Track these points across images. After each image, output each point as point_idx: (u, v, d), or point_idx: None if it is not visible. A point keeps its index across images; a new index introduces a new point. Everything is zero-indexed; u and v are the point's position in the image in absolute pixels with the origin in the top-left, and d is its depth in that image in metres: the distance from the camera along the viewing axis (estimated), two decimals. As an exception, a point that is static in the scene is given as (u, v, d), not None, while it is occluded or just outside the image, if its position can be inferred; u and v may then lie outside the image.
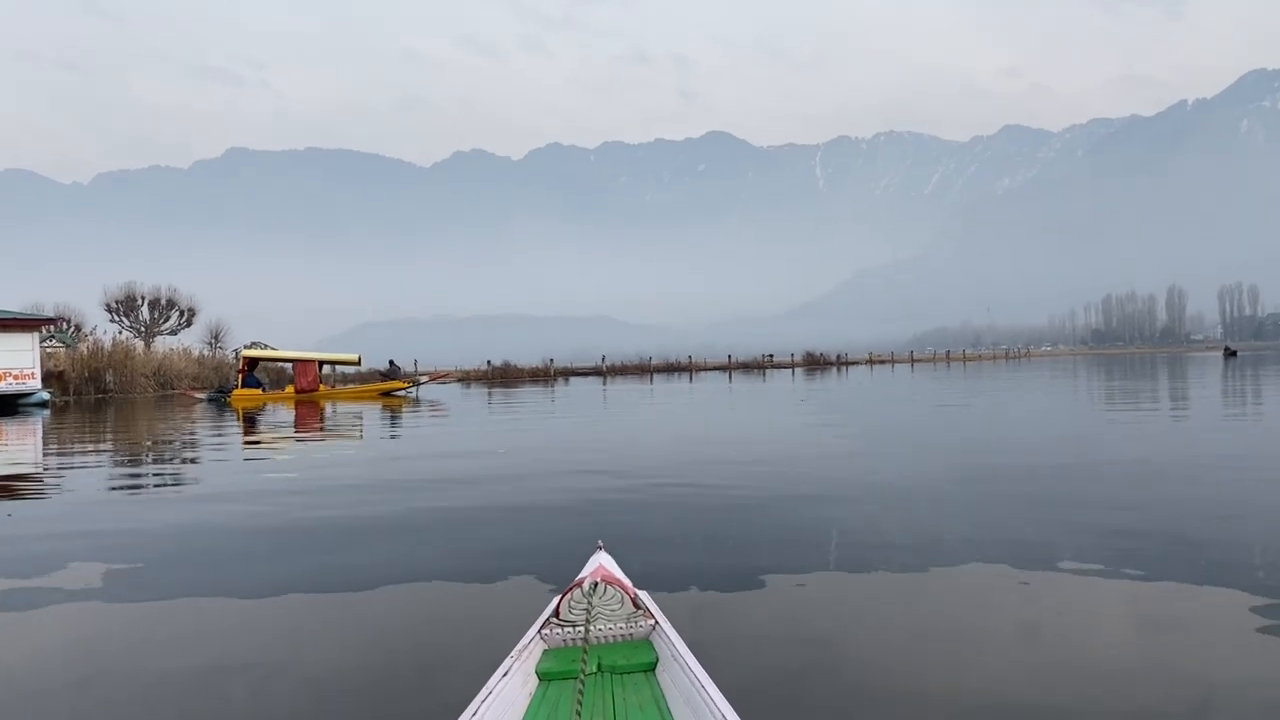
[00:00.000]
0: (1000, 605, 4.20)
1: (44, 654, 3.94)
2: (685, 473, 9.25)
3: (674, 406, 24.28)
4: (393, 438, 16.48)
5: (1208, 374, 35.29)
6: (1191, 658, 3.50)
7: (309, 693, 3.29)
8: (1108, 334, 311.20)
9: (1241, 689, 3.17)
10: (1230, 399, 20.01)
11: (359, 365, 40.52)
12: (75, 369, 39.68)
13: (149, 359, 45.75)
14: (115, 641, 4.07)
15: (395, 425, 19.42)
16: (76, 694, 3.38)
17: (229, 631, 4.11)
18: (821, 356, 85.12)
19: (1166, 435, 12.60)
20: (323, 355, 38.34)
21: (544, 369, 67.40)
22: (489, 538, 6.03)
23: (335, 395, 35.97)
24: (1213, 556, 5.01)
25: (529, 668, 2.71)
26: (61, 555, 5.88)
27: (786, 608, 4.24)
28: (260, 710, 3.16)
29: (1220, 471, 8.42)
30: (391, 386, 37.48)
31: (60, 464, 12.69)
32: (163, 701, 3.26)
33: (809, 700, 3.08)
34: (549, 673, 2.68)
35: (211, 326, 68.72)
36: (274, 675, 3.47)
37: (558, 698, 2.54)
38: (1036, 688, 3.18)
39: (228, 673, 3.52)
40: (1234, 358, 68.59)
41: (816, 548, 5.52)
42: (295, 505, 7.74)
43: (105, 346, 43.76)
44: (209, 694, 3.31)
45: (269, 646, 3.86)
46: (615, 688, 2.59)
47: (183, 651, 3.83)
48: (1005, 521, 6.12)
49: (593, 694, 2.53)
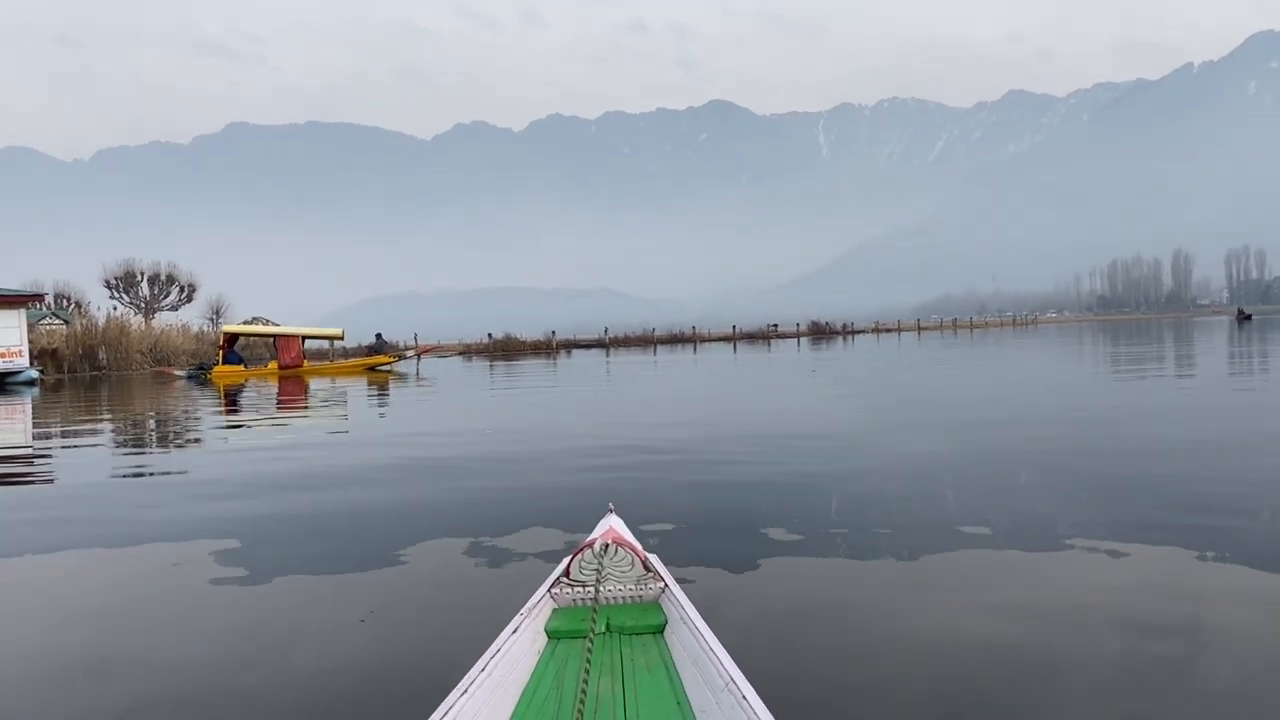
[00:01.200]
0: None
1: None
2: (705, 456, 8.55)
3: (679, 379, 23.57)
4: (379, 416, 15.79)
5: (1225, 339, 34.48)
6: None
7: (311, 658, 3.31)
8: (1113, 300, 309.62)
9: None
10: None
11: (342, 339, 40.04)
12: (70, 346, 38.96)
13: (145, 335, 44.97)
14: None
15: (378, 402, 18.70)
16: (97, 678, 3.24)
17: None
18: (827, 325, 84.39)
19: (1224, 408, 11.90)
20: (306, 330, 37.80)
21: (546, 342, 66.67)
22: (449, 548, 5.01)
23: (320, 370, 35.09)
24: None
25: (538, 625, 2.72)
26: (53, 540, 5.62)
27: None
28: (264, 677, 3.13)
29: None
30: (377, 361, 36.80)
31: (45, 446, 12.07)
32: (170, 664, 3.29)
33: (824, 676, 2.99)
34: (558, 631, 2.70)
35: (212, 302, 68.34)
36: (281, 646, 3.48)
37: (566, 656, 2.56)
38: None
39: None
40: (1248, 321, 66.25)
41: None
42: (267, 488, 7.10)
43: (99, 323, 43.01)
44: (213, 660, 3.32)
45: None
46: (624, 648, 2.61)
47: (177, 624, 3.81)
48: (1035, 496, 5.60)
49: (601, 653, 2.55)
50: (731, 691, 2.17)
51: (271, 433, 12.83)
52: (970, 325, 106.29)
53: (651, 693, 2.34)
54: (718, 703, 2.20)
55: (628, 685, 2.39)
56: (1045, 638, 3.20)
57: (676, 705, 2.27)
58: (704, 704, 2.24)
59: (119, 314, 48.96)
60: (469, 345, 68.15)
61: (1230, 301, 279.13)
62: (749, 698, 2.09)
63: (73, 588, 4.54)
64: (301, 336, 36.11)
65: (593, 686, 2.29)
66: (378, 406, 17.59)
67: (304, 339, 36.35)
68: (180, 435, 12.92)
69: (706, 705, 2.23)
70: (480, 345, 65.66)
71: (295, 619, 3.80)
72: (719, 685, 2.24)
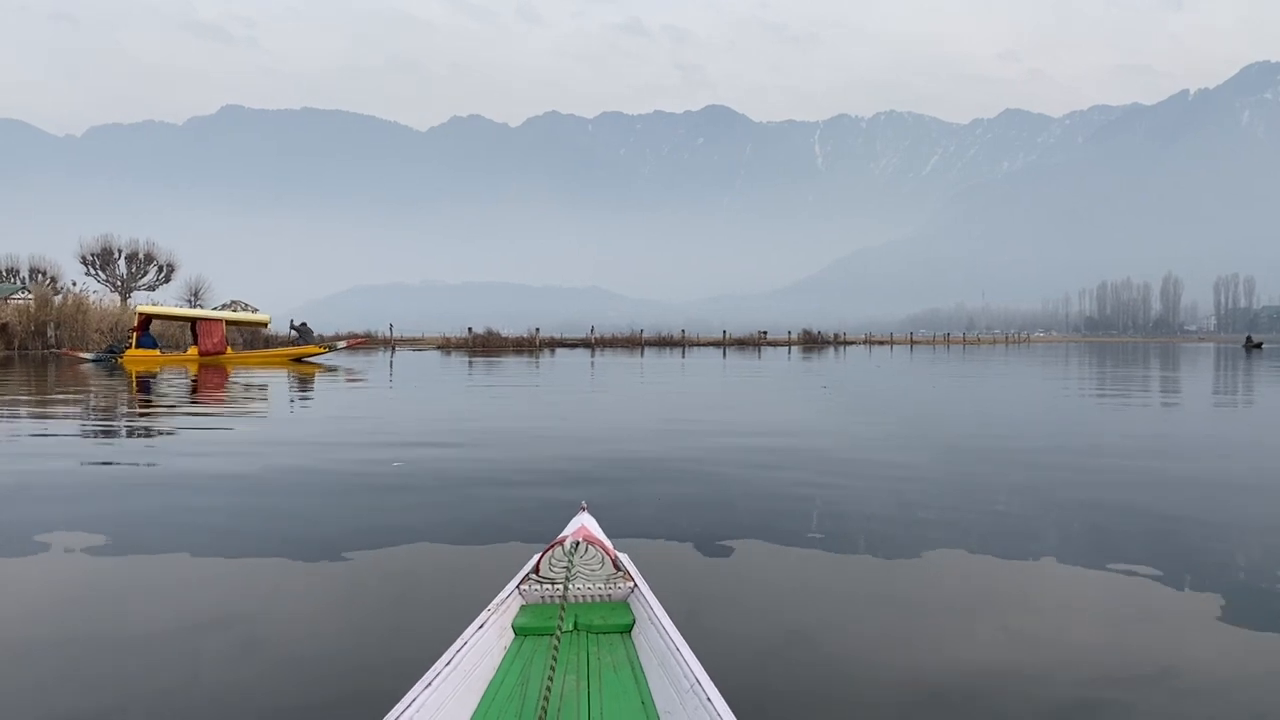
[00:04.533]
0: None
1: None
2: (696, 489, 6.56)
3: (672, 389, 21.49)
4: (300, 409, 13.73)
5: (1240, 368, 32.77)
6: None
7: (278, 652, 3.17)
8: (1101, 322, 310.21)
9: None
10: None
11: (267, 327, 38.40)
12: (22, 322, 36.57)
13: (105, 314, 42.54)
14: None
15: (300, 398, 16.67)
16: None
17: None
18: (819, 335, 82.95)
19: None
20: (229, 315, 35.90)
21: (529, 339, 64.59)
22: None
23: (244, 359, 33.07)
24: None
25: (505, 622, 2.69)
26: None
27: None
28: (236, 667, 3.03)
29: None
30: (304, 352, 35.08)
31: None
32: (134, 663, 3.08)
33: (791, 683, 2.93)
34: (525, 628, 2.67)
35: (191, 283, 65.99)
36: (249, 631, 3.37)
37: (532, 652, 2.54)
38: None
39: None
40: (1258, 350, 62.99)
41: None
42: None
43: (54, 299, 40.55)
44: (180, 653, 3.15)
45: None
46: (591, 646, 2.59)
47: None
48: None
49: (568, 651, 2.53)
50: (696, 693, 2.17)
51: (180, 427, 10.77)
52: (964, 341, 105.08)
53: (616, 692, 2.32)
54: (682, 704, 2.20)
55: (593, 684, 2.37)
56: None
57: (641, 705, 2.26)
58: (669, 705, 2.24)
59: (79, 289, 46.59)
60: (448, 339, 66.00)
61: (1218, 328, 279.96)
62: (714, 700, 2.10)
63: None
64: (225, 321, 34.32)
65: (558, 684, 2.28)
66: (299, 402, 15.59)
67: (227, 324, 34.69)
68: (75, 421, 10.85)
69: (671, 706, 2.23)
70: (460, 339, 63.55)
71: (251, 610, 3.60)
72: (684, 686, 2.23)
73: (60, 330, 36.90)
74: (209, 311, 36.14)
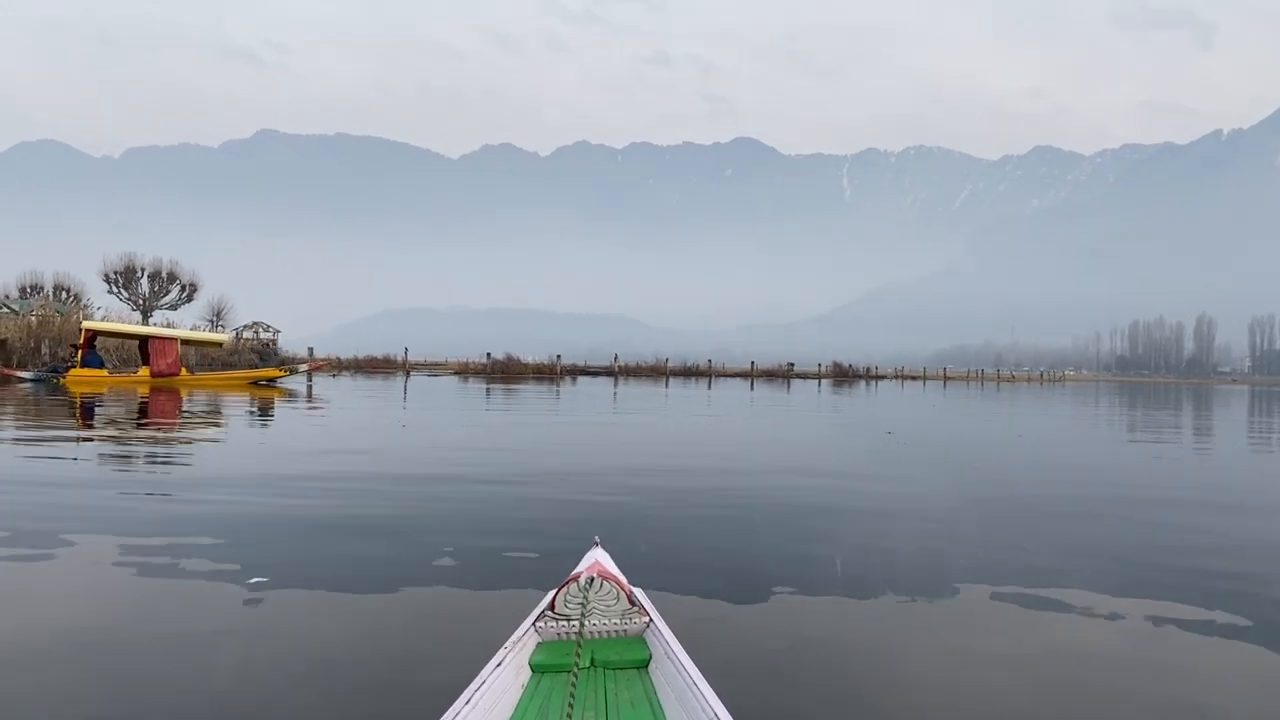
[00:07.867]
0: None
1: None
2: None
3: (702, 429, 19.53)
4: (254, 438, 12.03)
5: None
6: None
7: (298, 684, 3.08)
8: (1132, 361, 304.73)
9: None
10: None
11: (221, 347, 37.36)
12: (21, 338, 35.36)
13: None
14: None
15: (253, 428, 14.93)
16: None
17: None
18: (850, 368, 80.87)
19: None
20: (185, 333, 34.45)
21: (550, 366, 62.90)
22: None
23: (199, 382, 31.13)
24: None
25: (522, 659, 2.66)
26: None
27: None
28: (253, 701, 2.94)
29: None
30: (263, 375, 33.41)
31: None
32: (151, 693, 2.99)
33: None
34: (542, 665, 2.65)
35: (214, 303, 64.91)
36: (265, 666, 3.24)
37: (550, 690, 2.51)
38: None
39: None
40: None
41: None
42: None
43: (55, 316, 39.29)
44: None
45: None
46: (608, 683, 2.56)
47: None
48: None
49: (585, 688, 2.49)
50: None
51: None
52: (997, 378, 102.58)
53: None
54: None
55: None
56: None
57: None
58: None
59: (100, 309, 45.33)
60: (467, 364, 64.46)
61: (1252, 370, 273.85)
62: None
63: None
64: (179, 340, 32.52)
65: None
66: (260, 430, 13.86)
67: (182, 343, 32.83)
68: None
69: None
70: (478, 365, 62.00)
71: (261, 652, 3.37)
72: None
73: (53, 347, 35.58)
74: (161, 329, 34.45)
